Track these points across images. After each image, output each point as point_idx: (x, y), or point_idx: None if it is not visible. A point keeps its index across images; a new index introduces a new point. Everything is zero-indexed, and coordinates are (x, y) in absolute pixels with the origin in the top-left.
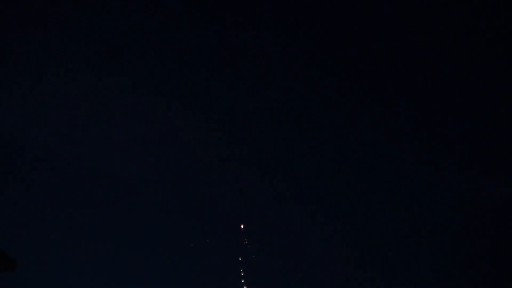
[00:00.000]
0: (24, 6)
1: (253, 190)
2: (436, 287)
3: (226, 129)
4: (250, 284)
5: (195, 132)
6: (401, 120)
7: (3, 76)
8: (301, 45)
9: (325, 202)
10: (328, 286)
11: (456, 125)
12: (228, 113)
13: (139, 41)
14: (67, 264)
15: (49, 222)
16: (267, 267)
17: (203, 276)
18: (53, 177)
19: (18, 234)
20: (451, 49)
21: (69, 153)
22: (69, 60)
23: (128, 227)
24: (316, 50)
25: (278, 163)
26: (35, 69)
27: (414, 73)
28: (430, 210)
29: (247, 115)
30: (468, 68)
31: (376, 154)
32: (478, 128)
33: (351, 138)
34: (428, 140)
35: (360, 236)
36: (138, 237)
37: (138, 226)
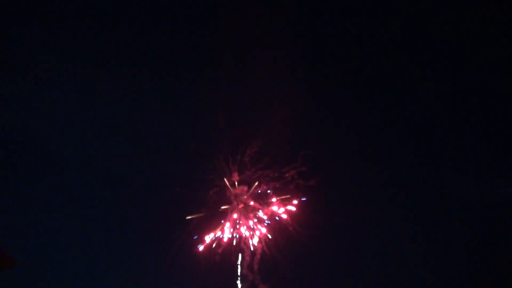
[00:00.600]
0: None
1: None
2: (435, 286)
3: (225, 128)
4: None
5: (194, 130)
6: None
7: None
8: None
9: (324, 201)
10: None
11: (456, 124)
12: (227, 111)
13: (138, 39)
14: (66, 263)
15: (48, 221)
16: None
17: (201, 277)
18: (52, 175)
19: (17, 232)
20: (449, 47)
21: (68, 151)
22: (66, 57)
23: (128, 226)
24: (316, 50)
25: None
26: (32, 67)
27: (415, 73)
28: (431, 211)
29: (246, 114)
30: (470, 66)
31: (376, 155)
32: (478, 127)
33: (352, 136)
34: (429, 140)
35: (360, 235)
36: (138, 236)
37: (138, 225)
